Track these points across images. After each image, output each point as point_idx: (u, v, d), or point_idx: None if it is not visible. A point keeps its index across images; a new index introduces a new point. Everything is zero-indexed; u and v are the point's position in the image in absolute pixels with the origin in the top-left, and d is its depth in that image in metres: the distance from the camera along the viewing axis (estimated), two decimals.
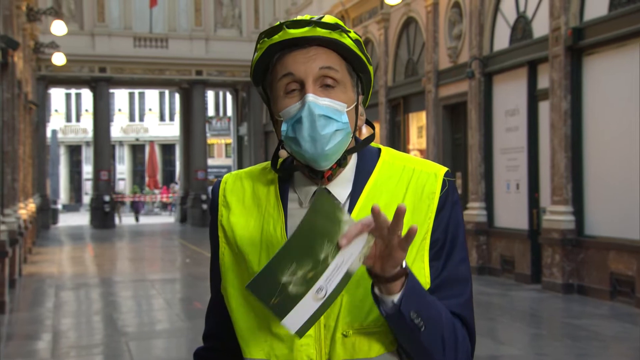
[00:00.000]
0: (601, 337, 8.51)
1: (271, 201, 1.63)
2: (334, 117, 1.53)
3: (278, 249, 1.40)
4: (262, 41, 1.58)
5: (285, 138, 1.56)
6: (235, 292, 1.63)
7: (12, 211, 12.95)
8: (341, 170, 1.61)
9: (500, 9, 13.69)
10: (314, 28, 1.54)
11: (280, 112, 1.56)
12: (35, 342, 8.84)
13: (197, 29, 30.17)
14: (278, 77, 1.57)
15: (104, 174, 29.11)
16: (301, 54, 1.55)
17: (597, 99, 11.06)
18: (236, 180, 1.69)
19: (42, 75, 27.35)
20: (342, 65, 1.57)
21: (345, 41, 1.56)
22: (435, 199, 1.60)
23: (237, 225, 1.64)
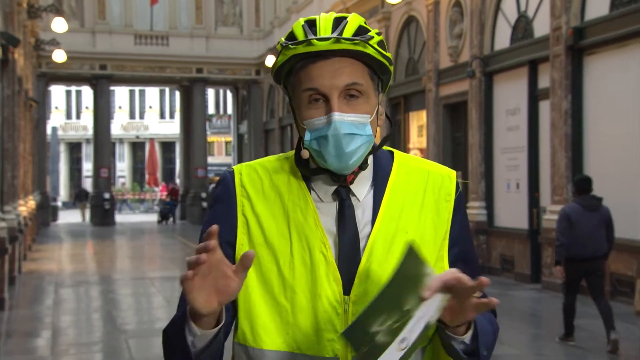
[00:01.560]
0: (601, 337, 8.51)
1: (294, 191, 1.64)
2: (359, 132, 1.57)
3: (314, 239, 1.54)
4: (287, 48, 1.59)
5: (309, 148, 1.60)
6: (256, 284, 1.61)
7: (11, 208, 12.95)
8: (362, 172, 1.65)
9: (501, 8, 13.68)
10: (339, 41, 1.55)
11: (304, 121, 1.59)
12: (34, 339, 8.85)
13: (198, 27, 30.16)
14: (302, 88, 1.59)
15: (104, 172, 29.11)
16: (326, 67, 1.57)
17: (597, 98, 11.05)
18: (250, 171, 1.69)
19: (42, 72, 27.34)
20: (365, 73, 1.60)
21: (369, 51, 1.58)
22: (451, 201, 1.68)
23: (262, 216, 1.63)
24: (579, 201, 7.99)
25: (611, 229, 7.98)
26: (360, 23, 1.59)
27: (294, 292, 1.58)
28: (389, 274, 1.53)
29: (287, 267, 1.59)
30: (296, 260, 1.59)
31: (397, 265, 1.39)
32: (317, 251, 1.58)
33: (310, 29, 1.58)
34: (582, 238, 7.76)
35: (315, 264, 1.58)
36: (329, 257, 1.58)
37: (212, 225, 1.63)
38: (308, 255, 1.59)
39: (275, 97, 28.93)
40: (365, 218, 1.62)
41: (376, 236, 1.60)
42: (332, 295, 1.57)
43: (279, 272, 1.59)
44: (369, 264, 1.58)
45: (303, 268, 1.58)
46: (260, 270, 1.61)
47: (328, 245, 1.59)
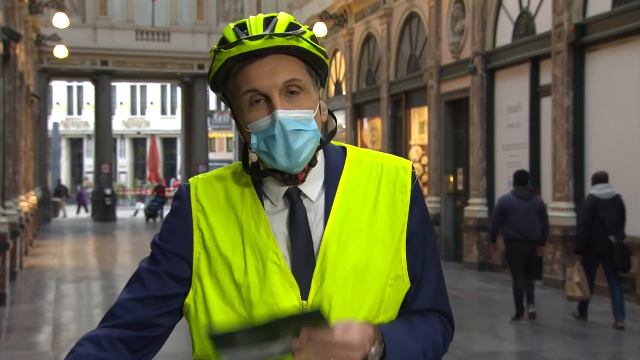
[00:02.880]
0: (603, 334, 8.51)
1: (247, 203, 1.62)
2: (304, 127, 1.55)
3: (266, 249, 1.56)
4: (220, 52, 1.57)
5: (257, 151, 1.57)
6: (215, 298, 1.60)
7: (13, 204, 12.95)
8: (312, 169, 1.63)
9: (503, 4, 13.66)
10: (271, 38, 1.53)
11: (249, 124, 1.57)
12: (35, 334, 8.85)
13: (200, 23, 30.15)
14: (241, 91, 1.57)
15: (105, 167, 29.12)
16: (262, 66, 1.55)
17: (599, 95, 11.04)
18: (206, 184, 1.67)
19: (44, 68, 27.34)
20: (302, 69, 1.58)
21: (303, 45, 1.56)
22: (407, 192, 1.65)
23: (216, 229, 1.62)
24: (515, 192, 9.15)
25: (544, 217, 9.14)
26: (290, 20, 1.58)
27: (252, 305, 1.57)
28: (345, 273, 1.56)
29: (242, 280, 1.58)
30: (250, 273, 1.58)
31: (296, 315, 1.43)
32: (269, 262, 1.57)
33: (242, 31, 1.57)
34: (517, 223, 8.89)
35: (268, 274, 1.57)
36: (282, 266, 1.57)
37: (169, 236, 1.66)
38: (261, 266, 1.57)
39: None
40: (318, 218, 1.61)
41: (329, 237, 1.58)
42: (290, 302, 1.55)
43: (236, 286, 1.58)
44: (324, 265, 1.56)
45: (257, 280, 1.57)
46: (218, 284, 1.60)
47: (280, 254, 1.57)
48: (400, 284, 1.62)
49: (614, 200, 8.73)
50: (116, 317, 1.64)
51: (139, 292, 1.65)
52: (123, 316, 1.63)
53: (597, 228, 8.57)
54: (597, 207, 8.61)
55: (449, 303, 1.71)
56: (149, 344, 1.64)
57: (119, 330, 1.62)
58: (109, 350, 1.59)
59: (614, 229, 8.56)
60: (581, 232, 8.75)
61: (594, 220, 8.58)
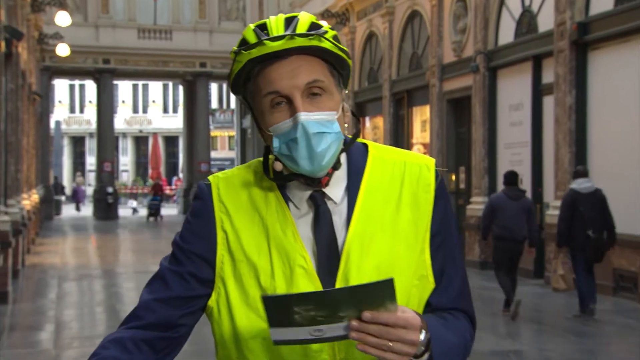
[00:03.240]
0: (604, 333, 8.51)
1: (272, 205, 1.60)
2: (327, 130, 1.52)
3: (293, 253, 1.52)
4: (240, 54, 1.54)
5: (279, 154, 1.55)
6: (239, 302, 1.58)
7: (15, 202, 12.96)
8: (336, 172, 1.60)
9: (505, 3, 13.65)
10: (292, 39, 1.51)
11: (270, 127, 1.55)
12: (38, 332, 8.87)
13: (201, 21, 30.15)
14: (262, 93, 1.54)
15: (107, 166, 29.13)
16: (283, 67, 1.52)
17: (602, 94, 11.03)
18: (228, 185, 1.64)
19: (46, 66, 27.35)
20: (324, 70, 1.56)
21: (325, 45, 1.54)
22: (431, 191, 1.62)
23: (241, 231, 1.59)
24: (505, 191, 9.40)
25: (532, 217, 9.30)
26: (312, 19, 1.55)
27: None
28: (369, 275, 1.52)
29: (269, 284, 1.55)
30: (277, 276, 1.55)
31: (365, 284, 1.35)
32: (296, 265, 1.54)
33: (262, 32, 1.53)
34: (505, 222, 9.12)
35: (295, 278, 1.54)
36: (310, 270, 1.54)
37: (191, 237, 1.61)
38: (288, 270, 1.55)
39: None
40: (342, 221, 1.58)
41: (352, 240, 1.56)
42: None
43: (261, 289, 1.56)
44: (348, 269, 1.54)
45: (284, 283, 1.55)
46: (243, 288, 1.58)
47: (308, 258, 1.55)
48: (424, 284, 1.60)
49: (594, 194, 8.97)
50: (140, 318, 1.62)
51: (163, 292, 1.64)
52: (147, 317, 1.61)
53: (577, 221, 8.87)
54: (577, 201, 8.91)
55: (472, 301, 1.69)
56: (173, 344, 1.63)
57: (143, 331, 1.60)
58: (134, 352, 1.57)
59: (592, 223, 8.84)
60: (561, 226, 9.04)
61: (574, 214, 8.87)
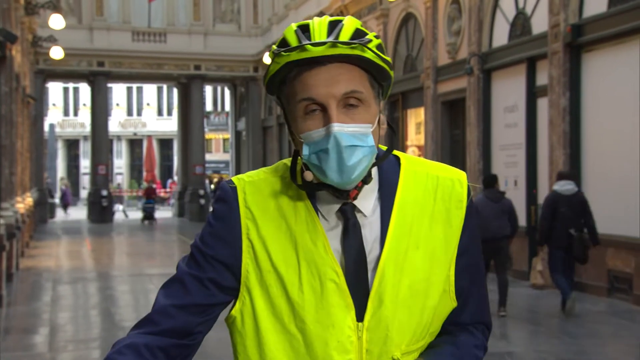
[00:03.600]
0: (599, 334, 8.52)
1: (301, 215, 1.54)
2: (360, 143, 1.47)
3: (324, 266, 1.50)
4: (279, 55, 1.49)
5: (308, 163, 1.50)
6: (265, 312, 1.54)
7: (9, 205, 12.93)
8: (365, 186, 1.55)
9: (499, 5, 13.68)
10: (335, 46, 1.45)
11: (302, 134, 1.50)
12: (32, 335, 8.84)
13: (196, 24, 30.13)
14: (297, 98, 1.49)
15: (101, 169, 29.08)
16: (322, 73, 1.47)
17: (595, 95, 11.05)
18: (255, 190, 1.57)
19: (40, 69, 27.30)
20: (364, 81, 1.50)
21: (367, 55, 1.48)
22: (463, 207, 1.60)
23: (268, 240, 1.54)
24: (486, 194, 9.65)
25: (513, 216, 9.59)
26: (357, 26, 1.51)
27: (304, 323, 1.51)
28: (403, 295, 1.51)
29: (296, 296, 1.51)
30: (305, 289, 1.51)
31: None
32: (327, 279, 1.50)
33: (304, 34, 1.48)
34: (487, 223, 9.24)
35: (326, 292, 1.50)
36: (342, 285, 1.50)
37: (213, 242, 1.55)
38: (318, 284, 1.51)
39: None
40: (373, 236, 1.54)
41: (387, 257, 1.52)
42: (345, 324, 1.50)
43: (288, 301, 1.52)
44: (383, 287, 1.51)
45: (313, 297, 1.51)
46: (269, 298, 1.53)
47: (340, 273, 1.51)
48: (445, 300, 1.58)
49: (575, 196, 9.37)
50: (156, 323, 1.55)
51: (181, 298, 1.56)
52: (163, 323, 1.55)
53: (558, 222, 9.25)
54: (559, 202, 9.28)
55: (489, 310, 1.71)
56: (188, 352, 1.59)
57: (159, 338, 1.54)
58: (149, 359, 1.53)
59: (574, 223, 9.23)
60: (542, 225, 9.44)
61: (555, 215, 9.26)
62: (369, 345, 1.52)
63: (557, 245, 9.30)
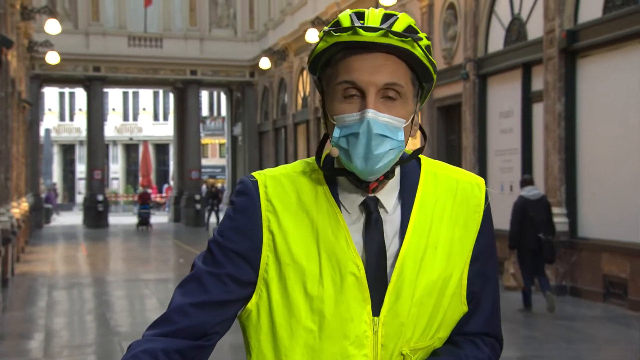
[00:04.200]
0: (594, 339, 8.53)
1: (323, 208, 1.54)
2: (391, 135, 1.47)
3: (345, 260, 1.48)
4: (329, 34, 1.49)
5: (337, 146, 1.50)
6: (280, 307, 1.53)
7: (5, 210, 12.91)
8: (387, 181, 1.55)
9: (495, 10, 13.71)
10: (387, 35, 1.45)
11: (336, 115, 1.50)
12: (27, 341, 8.82)
13: (192, 29, 30.14)
14: (338, 80, 1.50)
15: (97, 174, 29.05)
16: (367, 61, 1.48)
17: (591, 101, 11.08)
18: (276, 184, 1.56)
19: (35, 74, 27.28)
20: (407, 76, 1.51)
21: (416, 52, 1.49)
22: (480, 212, 1.61)
23: (289, 233, 1.53)
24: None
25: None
26: (410, 23, 1.50)
27: (323, 316, 1.50)
28: (420, 292, 1.51)
29: (316, 290, 1.50)
30: (325, 282, 1.50)
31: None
32: (348, 273, 1.50)
33: (358, 20, 1.48)
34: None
35: (346, 285, 1.50)
36: (362, 278, 1.50)
37: (233, 235, 1.53)
38: (339, 277, 1.50)
39: (270, 99, 28.92)
40: (393, 232, 1.54)
41: (406, 253, 1.52)
42: (362, 317, 1.50)
43: (306, 295, 1.51)
44: (400, 283, 1.51)
45: (333, 290, 1.50)
46: (286, 292, 1.52)
47: (361, 266, 1.50)
48: (456, 302, 1.57)
49: (541, 200, 9.83)
50: (172, 322, 1.53)
51: (199, 296, 1.54)
52: (180, 322, 1.53)
53: (527, 226, 9.63)
54: (527, 207, 9.70)
55: (501, 324, 1.67)
56: (203, 353, 1.56)
57: (176, 340, 1.52)
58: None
59: (542, 227, 9.64)
60: (513, 230, 9.73)
61: (524, 219, 9.63)
62: (384, 340, 1.51)
63: (527, 248, 9.66)
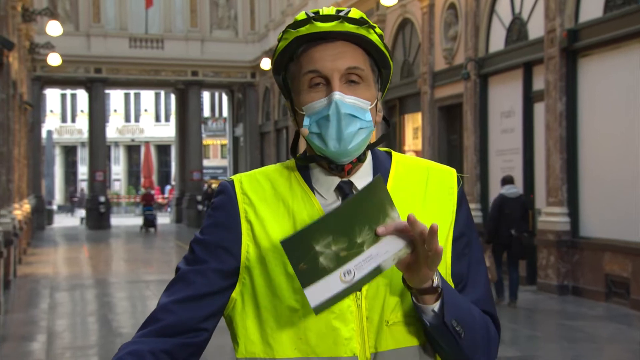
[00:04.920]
0: (596, 339, 8.53)
1: (297, 195, 1.60)
2: (359, 115, 1.54)
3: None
4: (288, 32, 1.57)
5: (309, 133, 1.57)
6: (264, 290, 1.57)
7: (7, 212, 12.92)
8: (360, 165, 1.62)
9: (495, 10, 13.71)
10: (342, 23, 1.53)
11: (304, 106, 1.57)
12: (30, 343, 8.82)
13: (193, 30, 30.16)
14: (303, 71, 1.57)
15: (99, 175, 29.07)
16: (328, 50, 1.55)
17: (592, 100, 11.08)
18: (252, 180, 1.64)
19: (37, 76, 27.31)
20: (366, 61, 1.58)
21: (372, 37, 1.57)
22: (454, 194, 1.65)
23: (267, 220, 1.59)
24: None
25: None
26: (363, 15, 1.58)
27: (304, 295, 1.50)
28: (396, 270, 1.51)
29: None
30: None
31: (360, 190, 1.37)
32: None
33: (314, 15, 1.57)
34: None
35: None
36: None
37: (213, 229, 1.60)
38: None
39: (271, 99, 28.93)
40: None
41: None
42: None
43: (287, 276, 1.55)
44: None
45: None
46: (268, 276, 1.57)
47: None
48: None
49: (519, 199, 10.41)
50: (159, 320, 1.58)
51: (182, 292, 1.59)
52: (166, 319, 1.58)
53: (503, 222, 10.17)
54: (504, 204, 10.24)
55: (495, 307, 1.69)
56: (193, 352, 1.60)
57: (163, 339, 1.56)
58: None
59: (516, 224, 10.19)
60: (490, 225, 10.28)
61: (501, 216, 10.17)
62: (368, 313, 1.54)
63: (500, 243, 10.21)
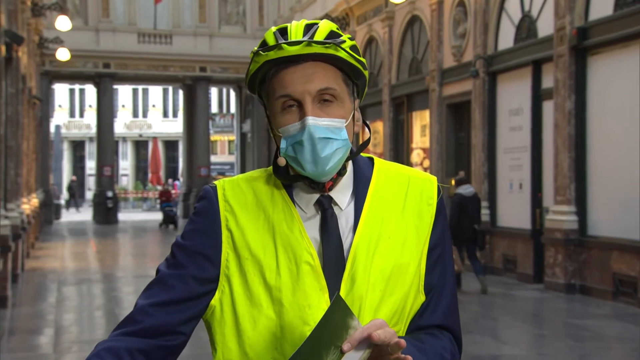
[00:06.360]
0: (603, 338, 8.51)
1: (278, 205, 1.62)
2: (334, 136, 1.55)
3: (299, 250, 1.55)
4: (258, 54, 1.57)
5: (285, 156, 1.58)
6: (243, 300, 1.59)
7: (15, 206, 12.95)
8: (340, 178, 1.63)
9: (505, 8, 13.67)
10: (310, 45, 1.54)
11: (279, 128, 1.58)
12: (37, 337, 8.86)
13: (202, 26, 30.17)
14: (276, 95, 1.58)
15: (107, 170, 29.13)
16: (298, 72, 1.56)
17: (601, 99, 11.04)
18: (234, 186, 1.66)
19: (46, 71, 27.35)
20: (338, 78, 1.58)
21: (341, 54, 1.56)
22: (433, 204, 1.67)
23: (247, 229, 1.61)
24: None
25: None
26: (331, 28, 1.58)
27: (282, 305, 1.56)
28: (375, 277, 1.56)
29: (274, 280, 1.57)
30: (282, 272, 1.57)
31: (324, 314, 1.38)
32: (303, 262, 1.57)
33: (282, 36, 1.57)
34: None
35: (302, 274, 1.56)
36: (316, 267, 1.57)
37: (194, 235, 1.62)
38: (294, 266, 1.57)
39: None
40: (349, 226, 1.61)
41: (359, 243, 1.58)
42: (320, 306, 1.56)
43: (266, 286, 1.57)
44: (354, 270, 1.57)
45: (290, 280, 1.57)
46: (247, 285, 1.59)
47: (315, 254, 1.57)
48: (414, 293, 1.62)
49: (474, 196, 11.46)
50: (136, 322, 1.60)
51: (161, 296, 1.62)
52: (144, 321, 1.59)
53: (464, 219, 11.15)
54: (464, 203, 11.23)
55: (459, 318, 1.70)
56: (169, 354, 1.61)
57: (140, 340, 1.58)
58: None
59: (477, 220, 11.33)
60: (452, 223, 10.66)
61: (462, 213, 11.14)
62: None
63: (462, 237, 11.19)
